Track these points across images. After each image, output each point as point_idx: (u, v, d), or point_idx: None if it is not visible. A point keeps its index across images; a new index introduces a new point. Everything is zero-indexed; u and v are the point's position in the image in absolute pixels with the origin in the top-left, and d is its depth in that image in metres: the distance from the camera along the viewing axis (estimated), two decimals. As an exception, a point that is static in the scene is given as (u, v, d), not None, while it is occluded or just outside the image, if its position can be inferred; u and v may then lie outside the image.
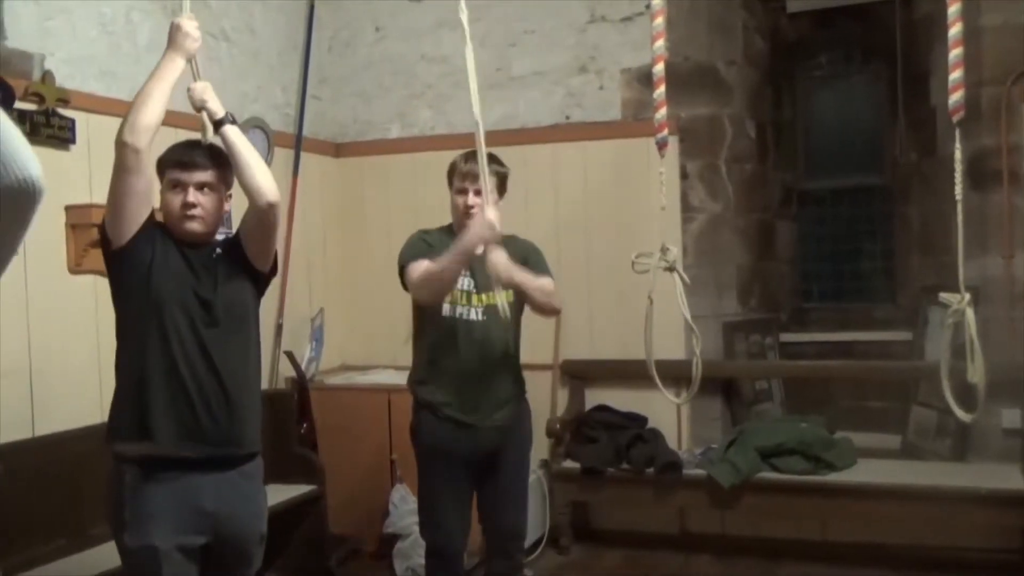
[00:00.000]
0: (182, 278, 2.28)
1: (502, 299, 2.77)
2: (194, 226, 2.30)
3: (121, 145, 2.17)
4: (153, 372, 2.23)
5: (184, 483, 2.23)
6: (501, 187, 2.94)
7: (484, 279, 2.81)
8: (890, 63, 4.90)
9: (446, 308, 2.87)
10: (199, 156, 2.32)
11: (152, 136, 2.19)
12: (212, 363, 2.26)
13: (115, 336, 2.33)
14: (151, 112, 2.19)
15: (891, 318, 4.89)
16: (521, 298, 2.88)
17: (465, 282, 2.87)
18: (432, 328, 2.93)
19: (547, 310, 2.98)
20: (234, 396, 2.28)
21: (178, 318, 2.24)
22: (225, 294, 2.32)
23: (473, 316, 2.88)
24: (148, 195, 2.28)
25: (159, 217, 2.35)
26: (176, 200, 2.30)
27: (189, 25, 2.29)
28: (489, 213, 2.65)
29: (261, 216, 2.34)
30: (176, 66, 2.27)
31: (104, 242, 2.29)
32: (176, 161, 2.32)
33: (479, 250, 2.67)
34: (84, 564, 3.06)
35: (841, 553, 4.18)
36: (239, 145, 2.31)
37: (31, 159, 1.52)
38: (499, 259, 2.66)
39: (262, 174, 2.32)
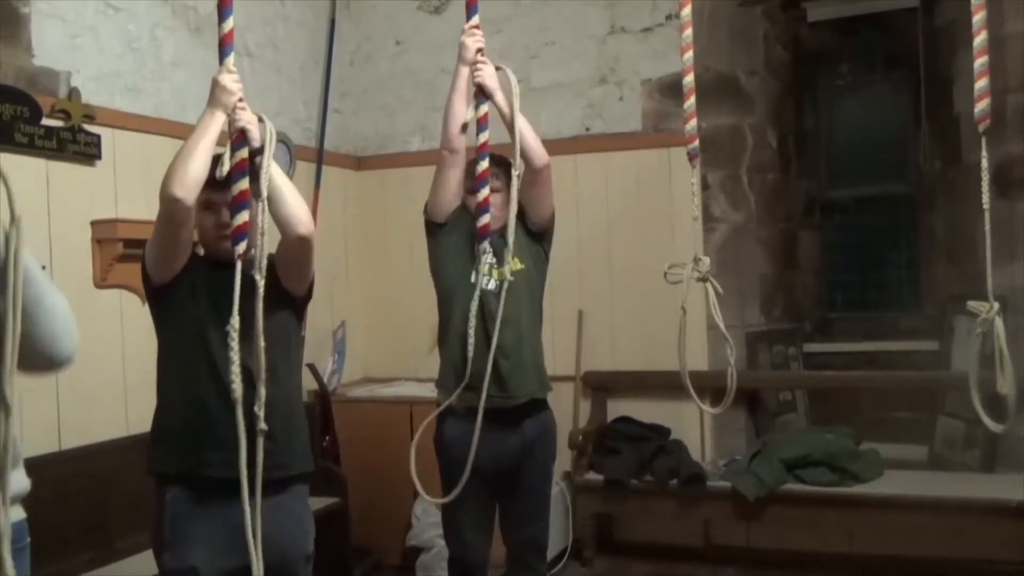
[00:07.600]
0: (217, 302, 2.19)
1: (507, 269, 2.82)
2: (229, 246, 2.21)
3: (172, 200, 2.12)
4: (192, 397, 2.22)
5: (227, 505, 2.16)
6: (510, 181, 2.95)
7: (502, 254, 2.86)
8: (913, 71, 4.88)
9: (466, 283, 2.87)
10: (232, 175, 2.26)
11: (199, 190, 2.16)
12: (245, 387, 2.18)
13: (156, 359, 2.32)
14: (197, 167, 2.14)
15: (917, 327, 4.85)
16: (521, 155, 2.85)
17: (485, 258, 2.89)
18: (453, 307, 2.91)
19: (533, 148, 2.88)
20: (271, 420, 2.21)
21: (211, 342, 2.20)
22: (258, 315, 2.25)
23: (491, 286, 2.89)
24: (191, 240, 2.26)
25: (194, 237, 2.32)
26: (210, 220, 2.26)
27: (228, 79, 2.17)
28: (463, 38, 2.89)
29: (291, 249, 2.26)
30: (217, 121, 2.19)
31: (145, 277, 2.28)
32: (209, 180, 2.23)
33: (465, 69, 2.88)
34: (111, 577, 3.08)
35: (868, 566, 4.14)
36: (273, 174, 2.19)
37: (68, 343, 1.66)
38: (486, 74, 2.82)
39: (296, 204, 2.23)
